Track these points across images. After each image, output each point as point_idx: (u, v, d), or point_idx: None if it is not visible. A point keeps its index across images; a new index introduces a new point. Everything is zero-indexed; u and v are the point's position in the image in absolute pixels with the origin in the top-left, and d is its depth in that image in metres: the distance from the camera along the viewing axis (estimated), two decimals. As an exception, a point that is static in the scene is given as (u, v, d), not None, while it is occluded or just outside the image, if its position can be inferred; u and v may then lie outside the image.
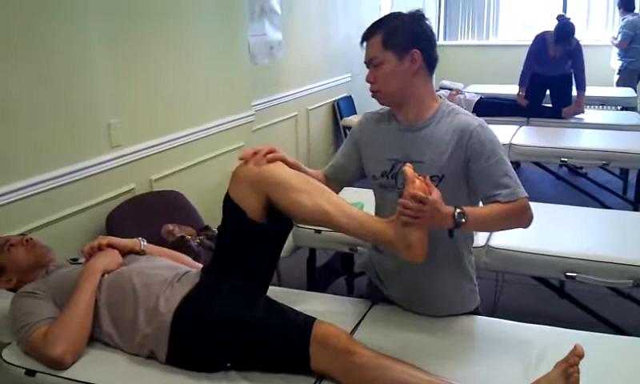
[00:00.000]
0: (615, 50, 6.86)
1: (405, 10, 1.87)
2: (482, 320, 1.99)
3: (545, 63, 5.40)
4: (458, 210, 1.64)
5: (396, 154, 1.89)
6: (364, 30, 1.90)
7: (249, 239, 1.85)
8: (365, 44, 1.87)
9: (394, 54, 1.81)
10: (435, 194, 1.59)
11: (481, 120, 1.87)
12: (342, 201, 1.80)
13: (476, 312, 2.02)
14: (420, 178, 1.61)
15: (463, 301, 1.99)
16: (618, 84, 6.85)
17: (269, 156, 1.80)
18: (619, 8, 6.81)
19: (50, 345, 1.73)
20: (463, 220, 1.64)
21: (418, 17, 1.86)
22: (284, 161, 1.84)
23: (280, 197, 1.78)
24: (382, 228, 1.70)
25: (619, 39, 6.64)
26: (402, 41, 1.81)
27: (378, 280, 2.06)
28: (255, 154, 1.80)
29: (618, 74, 6.85)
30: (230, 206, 1.83)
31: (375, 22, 1.87)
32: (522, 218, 1.80)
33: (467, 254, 1.98)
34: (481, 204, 1.85)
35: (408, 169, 1.63)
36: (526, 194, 1.78)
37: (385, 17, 1.89)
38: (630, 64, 6.68)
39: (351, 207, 1.79)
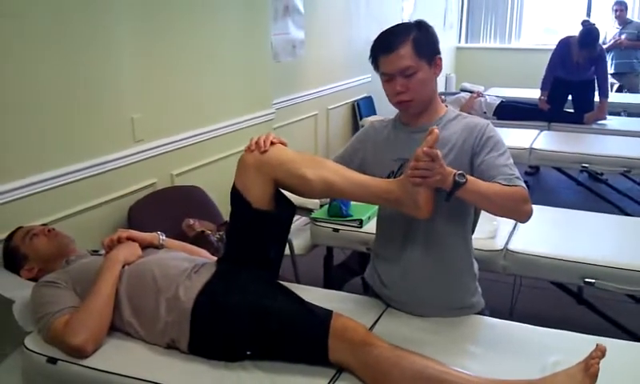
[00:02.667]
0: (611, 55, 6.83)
1: (410, 19, 1.92)
2: (499, 323, 1.99)
3: (568, 68, 5.37)
4: (459, 171, 1.69)
5: (405, 154, 1.94)
6: (381, 33, 1.92)
7: (255, 229, 1.90)
8: (387, 56, 1.87)
9: (426, 62, 1.88)
10: (440, 153, 1.66)
11: (488, 121, 1.96)
12: (345, 169, 1.88)
13: (481, 314, 2.04)
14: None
15: (469, 301, 2.02)
16: (623, 89, 6.83)
17: (272, 138, 1.87)
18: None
19: (71, 334, 1.76)
20: (463, 180, 1.68)
21: (427, 24, 1.94)
22: (285, 145, 1.91)
23: (285, 176, 1.84)
24: (391, 187, 1.77)
25: None
26: (430, 49, 1.90)
27: (382, 286, 2.07)
28: (257, 142, 1.87)
29: (623, 76, 6.83)
30: (236, 197, 1.89)
31: (394, 33, 1.89)
32: (521, 207, 1.79)
33: (470, 256, 2.03)
34: None
35: (437, 131, 1.66)
36: (525, 187, 1.81)
37: (400, 27, 1.92)
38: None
39: (355, 173, 1.87)
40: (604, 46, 6.69)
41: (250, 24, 3.69)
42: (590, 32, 5.19)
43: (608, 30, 7.02)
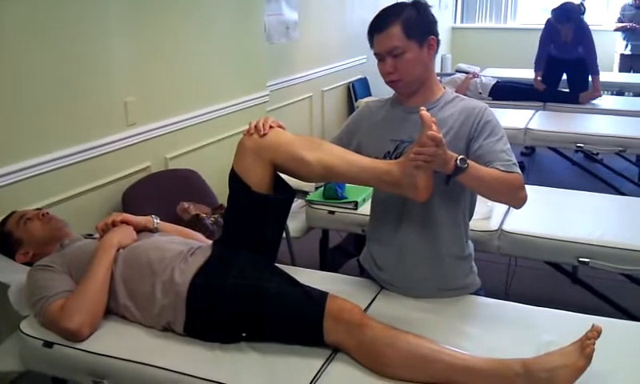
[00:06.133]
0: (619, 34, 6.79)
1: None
2: (494, 303, 2.01)
3: (558, 47, 5.39)
4: (460, 156, 1.70)
5: (401, 135, 1.96)
6: (376, 14, 1.93)
7: (254, 212, 1.89)
8: (378, 36, 1.89)
9: (416, 42, 1.87)
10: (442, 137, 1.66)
11: (486, 105, 1.96)
12: (344, 151, 1.88)
13: (476, 294, 2.05)
14: (434, 120, 1.65)
15: (464, 282, 2.03)
16: (625, 69, 6.79)
17: (271, 122, 1.87)
18: None
19: (67, 317, 1.76)
20: (465, 165, 1.70)
21: (425, 5, 1.93)
22: (283, 128, 1.91)
23: (284, 159, 1.84)
24: (390, 169, 1.76)
25: None
26: (421, 29, 1.89)
27: (377, 269, 2.08)
28: (256, 126, 1.86)
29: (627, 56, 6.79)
30: (234, 180, 1.88)
31: (386, 14, 1.90)
32: (517, 194, 1.83)
33: (466, 235, 2.04)
34: None
35: (425, 112, 1.65)
36: (521, 174, 1.84)
37: (393, 7, 1.91)
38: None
39: (354, 155, 1.87)
40: (618, 25, 6.68)
41: (244, 4, 3.66)
42: (562, 7, 5.22)
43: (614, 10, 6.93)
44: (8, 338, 2.00)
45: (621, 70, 6.83)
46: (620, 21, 6.71)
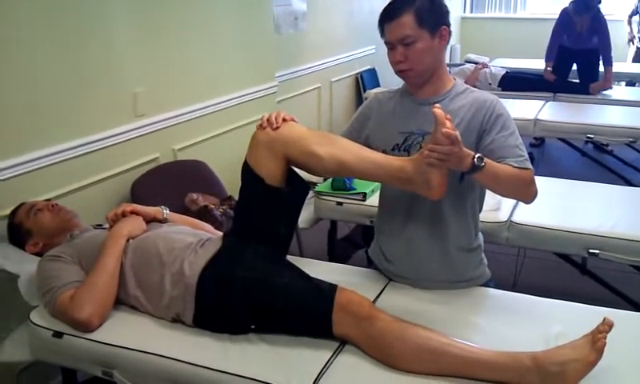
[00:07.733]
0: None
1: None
2: (503, 294, 2.00)
3: (571, 37, 5.36)
4: (477, 154, 1.68)
5: (410, 126, 1.94)
6: (388, 2, 1.91)
7: (267, 205, 1.89)
8: (390, 24, 1.87)
9: (428, 31, 1.86)
10: (458, 134, 1.64)
11: (497, 97, 1.94)
12: (357, 146, 1.86)
13: (486, 286, 2.05)
14: (448, 117, 1.63)
15: (473, 274, 2.03)
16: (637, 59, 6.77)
17: (283, 115, 1.86)
18: None
19: (77, 307, 1.77)
20: (482, 163, 1.68)
21: None
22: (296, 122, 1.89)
23: (297, 152, 1.82)
24: (404, 166, 1.74)
25: None
26: (433, 19, 1.86)
27: (386, 262, 2.08)
28: (269, 119, 1.85)
29: None
30: (247, 172, 1.87)
31: (398, 2, 1.88)
32: (529, 189, 1.83)
33: (476, 227, 2.03)
34: None
35: (438, 110, 1.63)
36: (532, 170, 1.84)
37: None
38: None
39: (367, 150, 1.85)
40: (634, 18, 6.64)
41: (252, -5, 3.65)
42: None
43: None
44: (18, 328, 2.01)
45: (634, 60, 6.80)
46: (635, 12, 6.67)
